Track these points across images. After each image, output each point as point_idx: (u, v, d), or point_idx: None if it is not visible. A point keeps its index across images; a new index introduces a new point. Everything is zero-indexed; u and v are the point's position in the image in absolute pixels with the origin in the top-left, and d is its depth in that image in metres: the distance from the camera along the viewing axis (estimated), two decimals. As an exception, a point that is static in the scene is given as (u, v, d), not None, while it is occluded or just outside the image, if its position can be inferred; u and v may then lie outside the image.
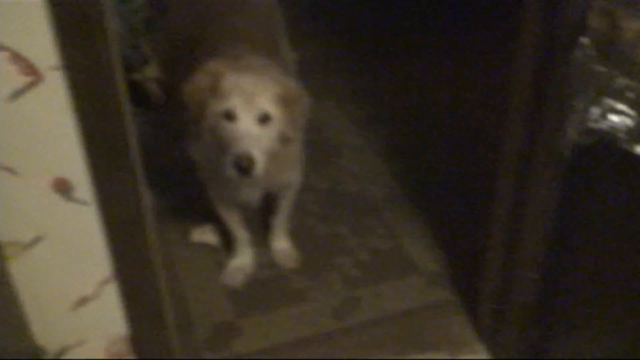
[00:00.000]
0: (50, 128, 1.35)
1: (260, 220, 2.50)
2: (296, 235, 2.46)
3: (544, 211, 1.75)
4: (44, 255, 1.47)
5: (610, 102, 1.28)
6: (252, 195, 2.16)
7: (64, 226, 1.46)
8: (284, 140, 1.92)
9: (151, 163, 2.74)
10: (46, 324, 1.56)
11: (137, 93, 3.26)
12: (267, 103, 1.82)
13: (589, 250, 1.71)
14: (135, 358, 1.69)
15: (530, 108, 1.67)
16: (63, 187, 1.41)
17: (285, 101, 1.87)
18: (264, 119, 1.82)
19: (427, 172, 2.83)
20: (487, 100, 3.19)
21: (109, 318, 1.61)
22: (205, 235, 2.43)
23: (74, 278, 1.53)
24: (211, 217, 2.38)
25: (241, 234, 2.31)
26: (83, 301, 1.57)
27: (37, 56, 1.27)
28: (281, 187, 2.23)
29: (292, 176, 2.22)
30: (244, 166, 1.77)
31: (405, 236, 2.49)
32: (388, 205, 2.65)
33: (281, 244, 2.38)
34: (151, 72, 3.28)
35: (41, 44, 1.26)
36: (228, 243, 2.38)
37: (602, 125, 1.27)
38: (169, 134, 2.99)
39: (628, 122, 1.25)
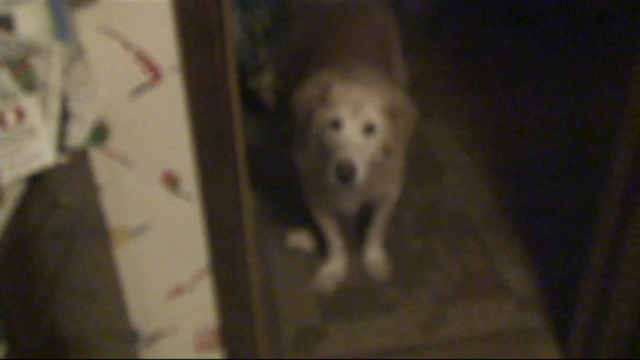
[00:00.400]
0: (165, 124, 1.44)
1: (357, 229, 2.54)
2: (391, 247, 2.47)
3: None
4: (147, 244, 1.57)
5: None
6: (350, 204, 2.19)
7: (168, 217, 1.54)
8: (387, 151, 1.94)
9: (258, 167, 2.86)
10: (143, 309, 1.65)
11: (251, 99, 3.38)
12: (373, 113, 1.86)
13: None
14: (223, 351, 1.76)
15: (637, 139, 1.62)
16: (171, 181, 1.50)
17: (391, 113, 1.89)
18: (369, 129, 1.85)
19: (529, 195, 2.77)
20: (598, 126, 3.09)
21: (201, 309, 1.69)
22: (302, 240, 2.49)
23: (173, 268, 1.62)
24: (308, 224, 2.44)
25: (336, 241, 2.35)
26: (179, 291, 1.65)
27: (159, 56, 1.37)
28: (379, 198, 2.25)
29: (391, 189, 2.23)
30: (345, 174, 1.80)
31: (500, 257, 2.45)
32: (486, 225, 2.62)
33: (374, 254, 2.40)
34: (266, 79, 3.39)
35: (164, 45, 1.35)
36: (323, 249, 2.43)
37: None
38: (278, 140, 3.08)
39: None
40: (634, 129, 1.62)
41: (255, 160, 2.91)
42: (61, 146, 1.14)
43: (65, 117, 1.17)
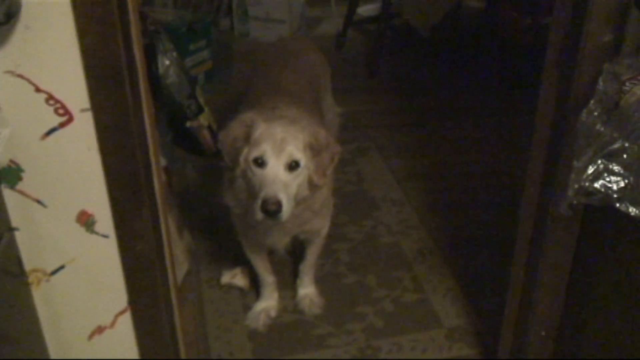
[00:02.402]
0: (78, 164, 1.45)
1: (289, 265, 2.57)
2: (324, 282, 2.51)
3: (557, 271, 1.76)
4: (66, 284, 1.56)
5: (605, 162, 1.30)
6: (280, 240, 2.23)
7: (85, 257, 1.55)
8: (312, 186, 1.99)
9: (197, 207, 2.88)
10: (64, 350, 1.64)
11: (191, 140, 3.41)
12: (295, 150, 1.91)
13: (602, 311, 1.70)
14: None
15: (545, 168, 1.70)
16: (86, 220, 1.51)
17: (314, 149, 1.95)
18: (293, 165, 1.91)
19: (461, 229, 2.85)
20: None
21: (123, 348, 1.68)
22: (235, 277, 2.50)
23: (93, 307, 1.61)
24: (242, 261, 2.46)
25: (267, 277, 2.37)
26: (100, 330, 1.65)
27: (70, 98, 1.39)
28: (309, 233, 2.30)
29: (320, 224, 2.28)
30: (272, 210, 1.85)
31: (431, 290, 2.51)
32: (419, 259, 2.68)
33: (306, 289, 2.43)
34: (205, 120, 3.43)
35: (75, 86, 1.38)
36: (257, 286, 2.45)
37: (596, 184, 1.29)
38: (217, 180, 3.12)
39: (621, 183, 1.27)
40: (537, 164, 1.71)
41: (195, 200, 2.96)
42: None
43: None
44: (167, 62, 3.22)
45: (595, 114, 1.42)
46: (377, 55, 4.23)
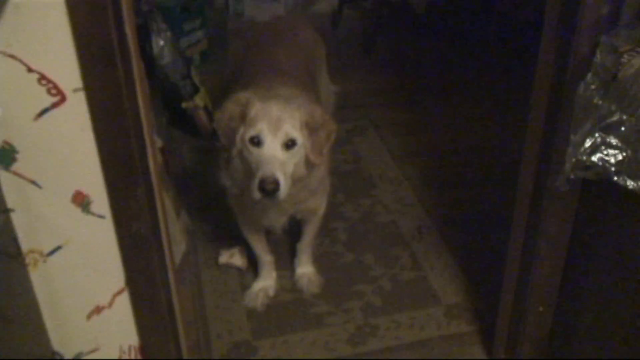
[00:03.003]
0: (72, 145, 1.44)
1: (287, 244, 2.57)
2: (322, 261, 2.51)
3: (555, 247, 1.76)
4: (63, 264, 1.56)
5: (603, 135, 1.29)
6: (277, 220, 2.22)
7: (82, 237, 1.54)
8: (309, 165, 1.99)
9: (195, 188, 2.88)
10: (63, 330, 1.65)
11: (187, 121, 3.40)
12: (292, 129, 1.90)
13: (600, 286, 1.70)
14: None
15: (542, 143, 1.69)
16: (82, 201, 1.50)
17: (310, 127, 1.94)
18: (290, 144, 1.90)
19: (458, 207, 2.85)
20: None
21: (122, 328, 1.68)
22: (233, 257, 2.50)
23: (91, 287, 1.61)
24: (240, 241, 2.46)
25: (265, 257, 2.37)
26: (98, 310, 1.65)
27: (63, 78, 1.38)
28: (307, 212, 2.29)
29: (318, 202, 2.27)
30: (269, 189, 1.84)
31: (429, 267, 2.51)
32: (416, 236, 2.68)
33: (304, 268, 2.43)
34: (201, 100, 3.42)
35: (66, 67, 1.36)
36: (254, 266, 2.45)
37: (594, 158, 1.29)
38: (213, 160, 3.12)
39: (619, 156, 1.27)
40: (534, 139, 1.70)
41: (192, 181, 2.96)
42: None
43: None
44: (162, 43, 3.20)
45: (593, 87, 1.41)
46: (373, 32, 4.20)
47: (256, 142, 1.90)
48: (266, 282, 2.38)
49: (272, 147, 1.89)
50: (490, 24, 4.19)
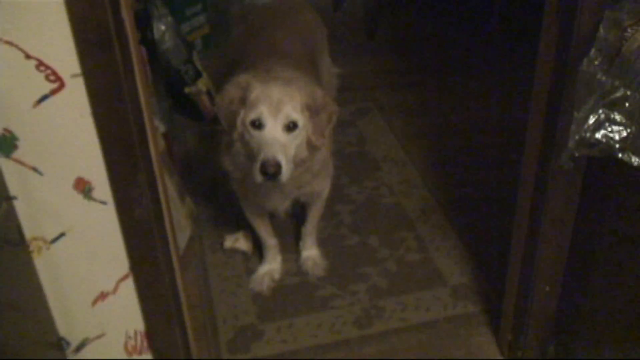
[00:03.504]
0: (72, 131, 1.44)
1: (292, 228, 2.57)
2: (327, 244, 2.51)
3: (560, 226, 1.74)
4: (67, 251, 1.56)
5: (607, 112, 1.28)
6: (280, 203, 2.22)
7: (85, 224, 1.54)
8: (311, 147, 1.98)
9: (199, 173, 2.88)
10: (68, 316, 1.65)
11: (190, 106, 3.39)
12: (293, 111, 1.89)
13: (606, 266, 1.69)
14: (152, 354, 1.77)
15: (546, 121, 1.68)
16: (84, 187, 1.50)
17: (311, 109, 1.93)
18: (291, 126, 1.89)
19: (463, 188, 2.84)
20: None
21: (127, 313, 1.69)
22: (238, 242, 2.50)
23: (95, 273, 1.62)
24: (244, 225, 2.46)
25: (270, 241, 2.37)
26: (103, 296, 1.65)
27: (61, 64, 1.37)
28: (310, 195, 2.28)
29: (321, 185, 2.26)
30: (271, 172, 1.83)
31: (435, 249, 2.50)
32: (421, 218, 2.67)
33: (309, 251, 2.43)
34: (203, 85, 3.40)
35: (64, 53, 1.36)
36: (259, 250, 2.45)
37: (598, 135, 1.27)
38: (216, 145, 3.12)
39: (623, 132, 1.25)
40: (538, 116, 1.68)
41: (196, 166, 2.95)
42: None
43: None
44: (163, 28, 3.19)
45: (596, 62, 1.39)
46: (376, 14, 4.17)
47: (257, 125, 1.89)
48: (271, 266, 2.38)
49: (273, 130, 1.88)
50: (494, 3, 4.14)
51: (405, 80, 3.70)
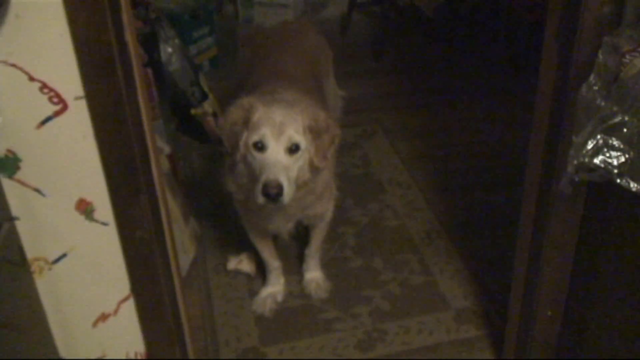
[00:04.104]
0: (75, 152, 1.45)
1: (295, 250, 2.57)
2: (330, 266, 2.51)
3: (562, 250, 1.74)
4: (68, 272, 1.57)
5: (605, 137, 1.28)
6: (283, 225, 2.22)
7: (86, 245, 1.55)
8: (313, 169, 1.98)
9: (203, 194, 2.89)
10: (69, 337, 1.65)
11: (196, 127, 3.41)
12: (295, 133, 1.90)
13: (608, 290, 1.68)
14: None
15: (546, 146, 1.68)
16: (85, 208, 1.51)
17: (314, 131, 1.94)
18: (293, 148, 1.90)
19: (467, 211, 2.84)
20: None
21: (128, 335, 1.69)
22: (241, 263, 2.50)
23: (96, 294, 1.62)
24: (248, 247, 2.46)
25: (273, 263, 2.37)
26: (104, 317, 1.65)
27: (64, 87, 1.39)
28: (313, 217, 2.29)
29: (324, 207, 2.27)
30: (273, 193, 1.84)
31: (439, 272, 2.50)
32: (425, 241, 2.66)
33: (313, 274, 2.43)
34: (209, 107, 3.42)
35: (68, 75, 1.37)
36: (263, 272, 2.45)
37: (596, 160, 1.27)
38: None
39: (621, 158, 1.25)
40: (538, 141, 1.69)
41: (201, 187, 2.97)
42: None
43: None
44: (170, 50, 3.21)
45: (595, 87, 1.39)
46: (383, 37, 4.20)
47: (259, 147, 1.90)
48: (274, 288, 2.38)
49: (275, 152, 1.88)
50: (499, 28, 4.17)
51: (410, 102, 3.71)
